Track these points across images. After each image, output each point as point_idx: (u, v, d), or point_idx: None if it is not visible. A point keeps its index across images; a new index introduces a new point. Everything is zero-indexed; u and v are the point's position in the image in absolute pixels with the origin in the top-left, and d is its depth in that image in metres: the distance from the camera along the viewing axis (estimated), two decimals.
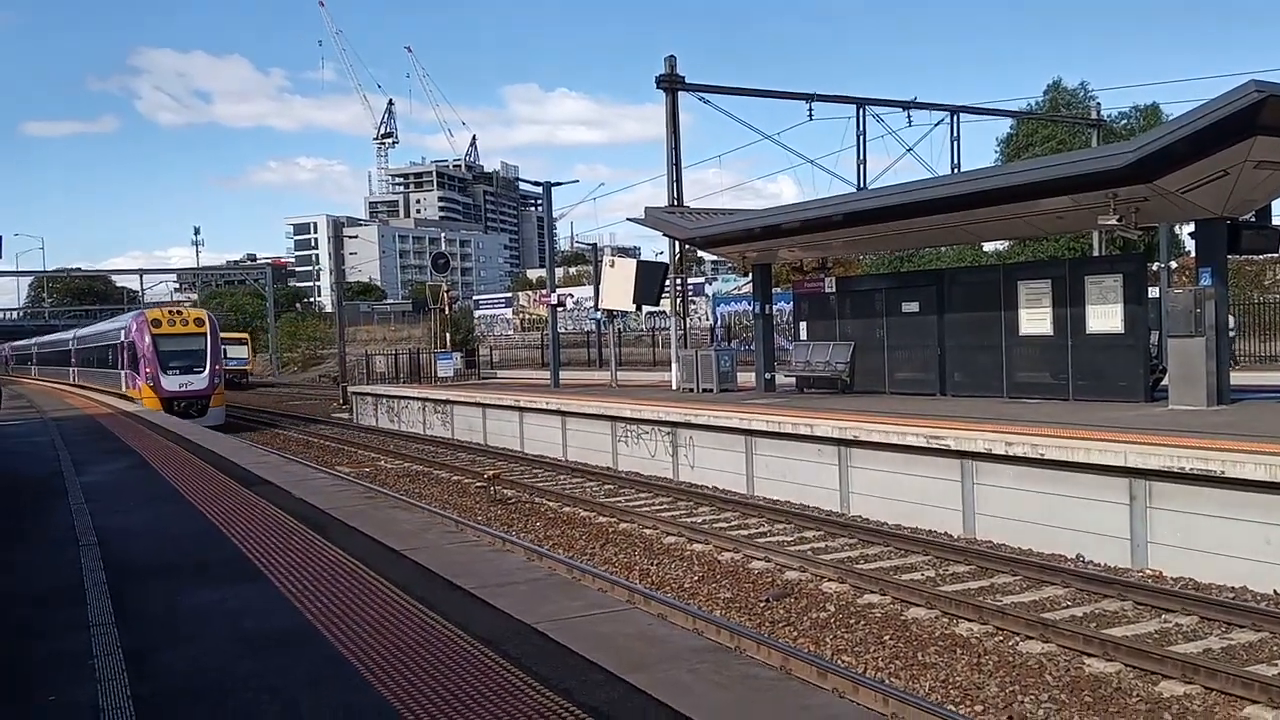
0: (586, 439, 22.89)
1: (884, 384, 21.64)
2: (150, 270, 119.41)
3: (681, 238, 26.44)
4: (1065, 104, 48.95)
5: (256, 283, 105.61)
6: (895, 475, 14.85)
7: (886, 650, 9.12)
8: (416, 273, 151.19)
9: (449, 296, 40.73)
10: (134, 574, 7.51)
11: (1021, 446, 12.86)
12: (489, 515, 16.56)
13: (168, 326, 34.55)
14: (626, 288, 27.63)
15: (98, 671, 5.23)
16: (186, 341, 34.42)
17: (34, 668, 5.48)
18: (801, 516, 15.09)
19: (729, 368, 25.23)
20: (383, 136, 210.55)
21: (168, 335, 34.22)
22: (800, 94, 30.07)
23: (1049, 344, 18.35)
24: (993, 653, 8.95)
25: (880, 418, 16.15)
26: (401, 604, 6.29)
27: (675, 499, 17.33)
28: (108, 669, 5.27)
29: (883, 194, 20.61)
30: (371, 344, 71.61)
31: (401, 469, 23.12)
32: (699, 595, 11.22)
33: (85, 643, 5.73)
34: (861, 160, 30.70)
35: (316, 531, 8.79)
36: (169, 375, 33.53)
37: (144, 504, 10.92)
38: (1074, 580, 11.00)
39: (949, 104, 33.43)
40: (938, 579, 11.48)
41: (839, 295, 23.17)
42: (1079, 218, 17.88)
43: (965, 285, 20.54)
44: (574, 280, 78.63)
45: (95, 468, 14.44)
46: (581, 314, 54.97)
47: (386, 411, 35.52)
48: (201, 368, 34.17)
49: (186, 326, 35.00)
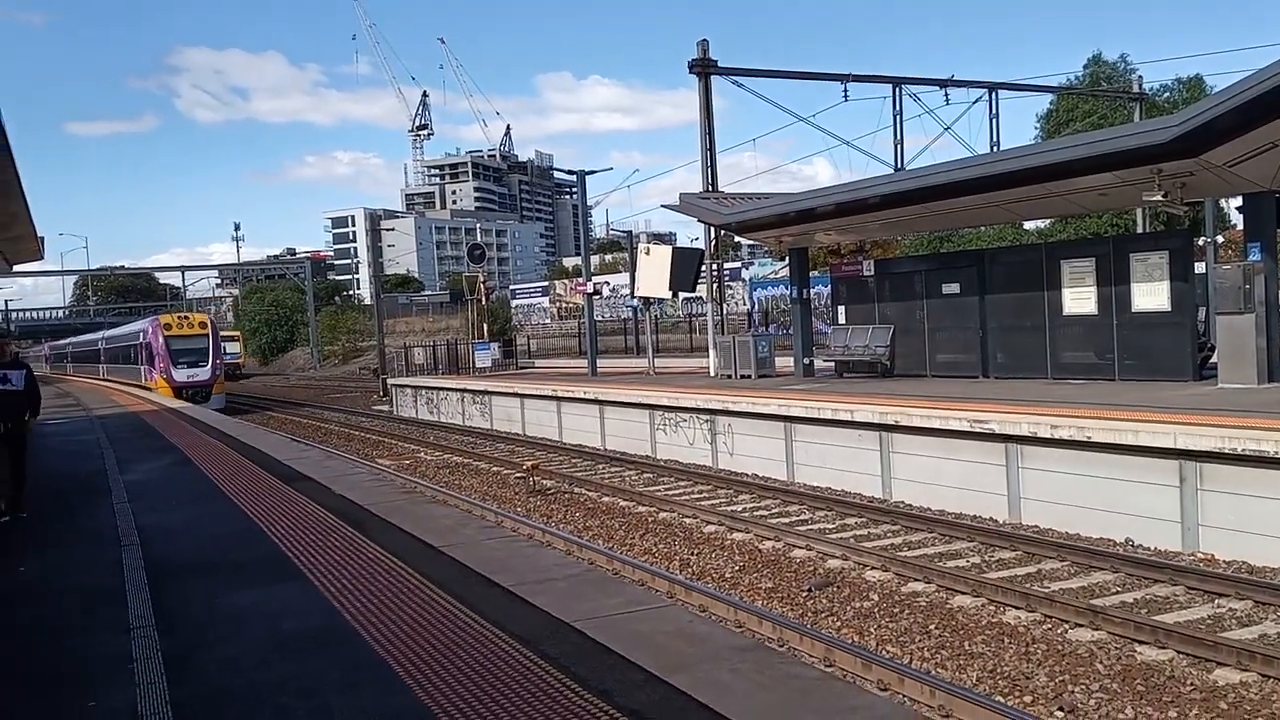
0: (625, 428, 22.83)
1: (925, 367, 21.39)
2: (192, 267, 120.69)
3: (716, 223, 26.23)
4: (1106, 78, 47.97)
5: (296, 277, 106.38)
6: (938, 460, 14.64)
7: (932, 640, 8.97)
8: (454, 263, 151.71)
9: (485, 287, 40.77)
10: (174, 574, 7.53)
11: (1068, 429, 12.62)
12: (528, 506, 16.55)
13: (177, 329, 42.03)
14: (662, 275, 27.50)
15: (137, 675, 5.23)
16: (193, 341, 41.65)
17: (75, 671, 5.50)
18: (843, 503, 14.94)
19: (766, 353, 25.04)
20: (418, 128, 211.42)
21: (178, 336, 41.61)
22: (835, 75, 29.69)
23: (1094, 323, 18.03)
24: (1041, 641, 8.78)
25: (922, 402, 15.94)
26: (439, 602, 6.25)
27: (715, 487, 17.23)
28: (147, 673, 5.27)
29: (921, 174, 20.31)
30: (410, 335, 71.98)
31: (441, 460, 23.19)
32: (740, 585, 11.12)
33: (125, 646, 5.75)
34: (898, 140, 30.28)
35: (355, 528, 8.79)
36: (179, 369, 40.65)
37: (185, 502, 10.99)
38: (1123, 565, 10.78)
39: (987, 81, 32.88)
40: (983, 566, 11.30)
41: (878, 278, 22.91)
42: (1122, 194, 17.50)
43: (1007, 265, 20.22)
44: (610, 268, 78.52)
45: (138, 465, 14.58)
46: (618, 301, 54.83)
47: (426, 403, 35.69)
48: (205, 362, 41.27)
49: (192, 329, 42.51)
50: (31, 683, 5.38)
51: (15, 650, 6.02)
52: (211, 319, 46.04)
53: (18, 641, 6.20)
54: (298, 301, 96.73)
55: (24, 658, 5.85)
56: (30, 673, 5.57)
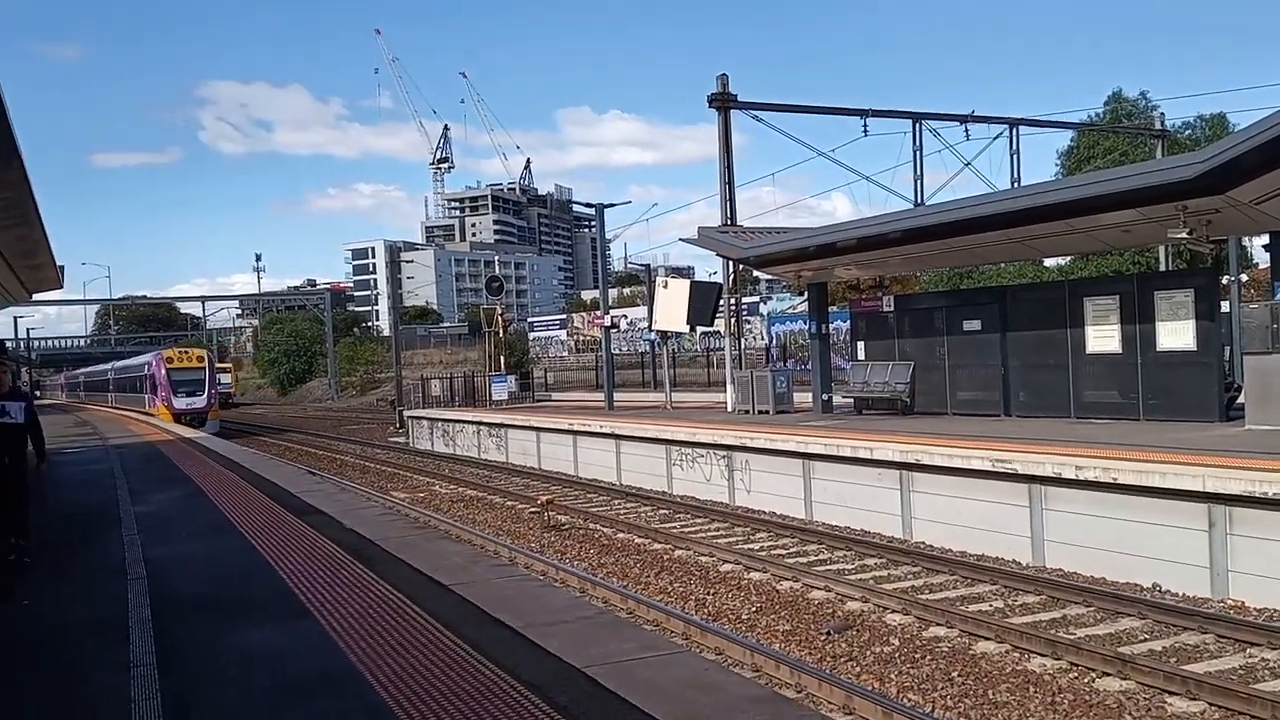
0: (641, 463, 22.63)
1: (945, 405, 21.14)
2: (212, 297, 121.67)
3: (734, 257, 26.13)
4: (1126, 115, 47.84)
5: (316, 308, 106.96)
6: (959, 500, 14.38)
7: (955, 688, 8.71)
8: (473, 295, 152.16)
9: (503, 319, 40.73)
10: (179, 610, 7.38)
11: (1093, 470, 12.36)
12: (542, 542, 16.34)
13: (178, 362, 46.55)
14: (680, 308, 27.38)
15: (134, 717, 5.07)
16: (191, 373, 46.13)
17: (74, 711, 5.35)
18: (862, 543, 14.68)
19: (785, 389, 24.83)
20: (439, 161, 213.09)
21: (178, 368, 46.05)
22: (855, 109, 29.69)
23: (1117, 362, 17.77)
24: (1068, 691, 8.51)
25: (943, 440, 15.70)
26: (447, 645, 6.07)
27: (731, 524, 16.99)
28: (145, 715, 5.11)
29: (942, 209, 20.17)
30: (428, 367, 72.05)
31: (456, 494, 23.02)
32: (757, 628, 10.87)
33: (125, 685, 5.59)
34: (918, 176, 30.21)
35: (365, 565, 8.62)
36: (179, 397, 44.80)
37: (195, 535, 10.85)
38: (1151, 611, 10.50)
39: (1008, 116, 32.86)
40: (1007, 610, 11.03)
41: (897, 314, 22.72)
42: (1146, 231, 17.32)
43: (1029, 302, 20.00)
44: (628, 301, 78.47)
45: (151, 496, 14.48)
46: (636, 335, 54.69)
47: (441, 435, 35.57)
48: (202, 392, 45.71)
49: (191, 362, 47.10)
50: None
51: (9, 688, 5.86)
52: (210, 353, 53.34)
53: (14, 678, 6.05)
54: (317, 332, 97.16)
55: (19, 696, 5.70)
56: (26, 713, 5.42)
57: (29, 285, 21.43)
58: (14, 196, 12.52)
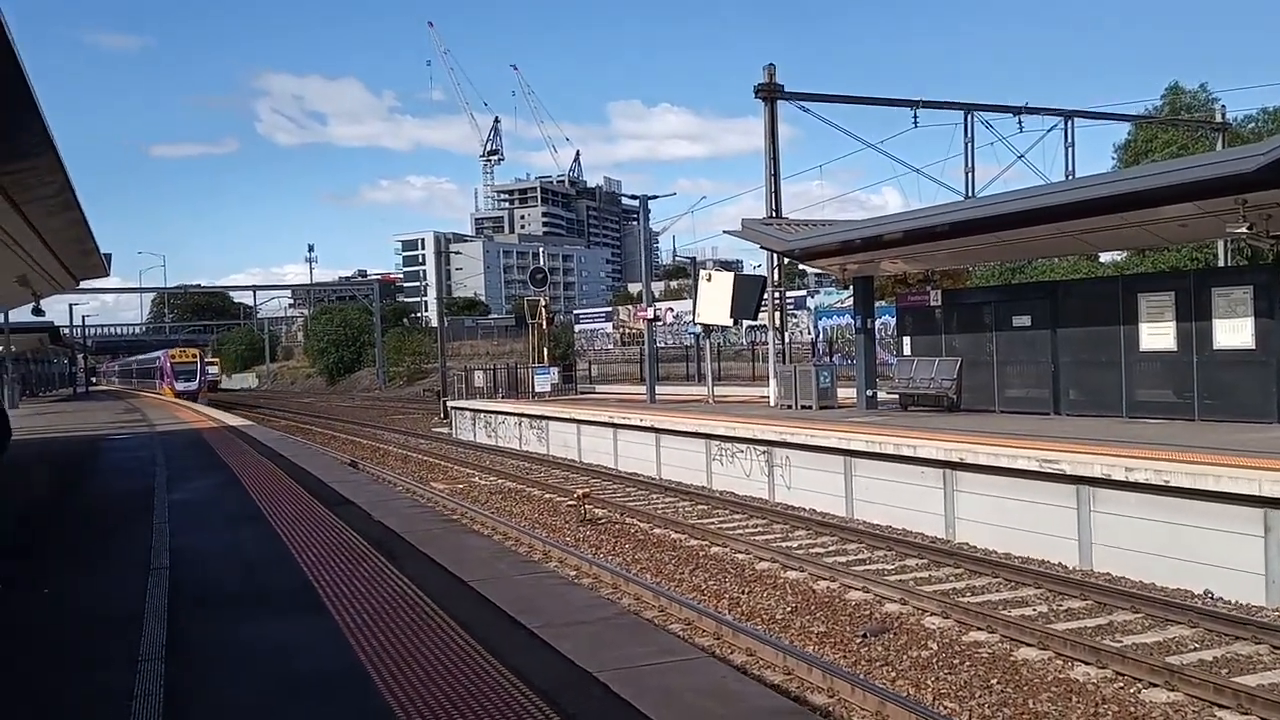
0: (681, 457, 22.40)
1: (993, 402, 20.67)
2: (264, 286, 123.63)
3: (779, 250, 25.78)
4: (1185, 107, 46.57)
5: (365, 298, 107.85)
6: (1005, 501, 13.99)
7: (994, 696, 8.40)
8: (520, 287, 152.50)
9: (547, 311, 40.64)
10: (197, 602, 7.26)
11: (1144, 472, 11.93)
12: (577, 536, 16.17)
13: (178, 357, 67.91)
14: (723, 302, 27.11)
15: (133, 713, 4.93)
16: (186, 365, 67.14)
17: (72, 706, 5.24)
18: (903, 543, 14.34)
19: (828, 384, 24.47)
20: (489, 154, 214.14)
21: (178, 362, 67.23)
22: (905, 100, 29.24)
23: (1172, 360, 17.24)
24: (1112, 701, 8.17)
25: (989, 438, 15.30)
26: (460, 645, 5.87)
27: (770, 521, 16.71)
28: (144, 710, 4.97)
29: (992, 201, 19.69)
30: (475, 358, 72.32)
31: (494, 485, 22.94)
32: (791, 629, 10.60)
33: (129, 680, 5.45)
34: (969, 168, 29.66)
35: (387, 558, 8.47)
36: (178, 381, 64.89)
37: (224, 525, 10.78)
38: (1202, 619, 10.10)
39: (1062, 108, 32.13)
40: (1051, 615, 10.66)
41: (945, 308, 22.25)
42: (1204, 226, 16.75)
43: (1081, 298, 19.48)
44: (674, 294, 78.23)
45: (187, 484, 14.48)
46: (681, 328, 54.42)
47: (484, 426, 35.58)
48: (194, 378, 66.11)
49: (187, 357, 68.66)
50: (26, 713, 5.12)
51: (18, 676, 5.78)
52: (200, 351, 76.47)
53: (29, 664, 5.97)
54: (365, 322, 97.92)
55: (26, 685, 5.60)
56: (32, 701, 5.32)
57: (75, 272, 21.63)
58: (55, 185, 12.53)
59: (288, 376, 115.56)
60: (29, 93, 8.51)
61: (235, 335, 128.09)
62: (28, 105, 8.80)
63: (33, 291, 24.02)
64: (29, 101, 8.72)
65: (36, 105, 8.91)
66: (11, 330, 47.83)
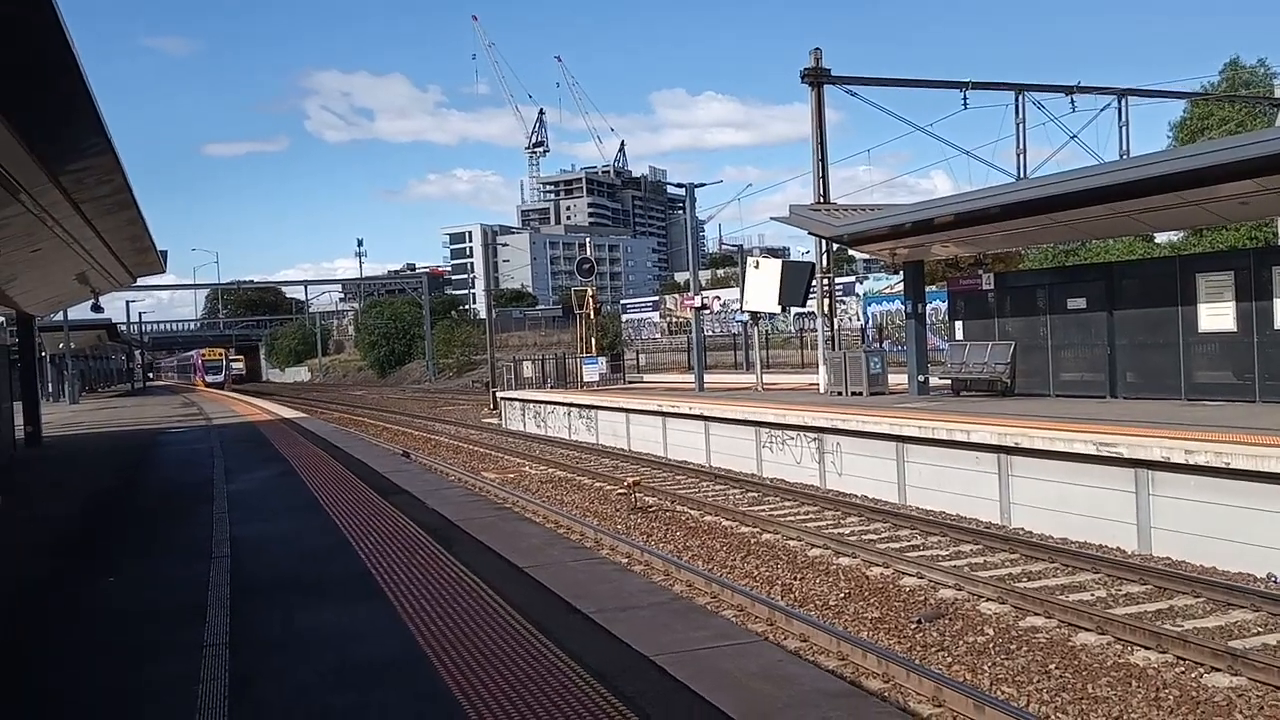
0: (730, 445, 22.35)
1: (1048, 386, 20.37)
2: (315, 281, 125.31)
3: (827, 235, 25.58)
4: (1244, 84, 45.49)
5: (414, 291, 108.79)
6: (1061, 485, 13.80)
7: (1052, 681, 8.29)
8: (567, 278, 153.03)
9: (594, 301, 40.73)
10: (258, 590, 7.40)
11: (1204, 455, 11.70)
12: (628, 524, 16.21)
13: (208, 355, 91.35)
14: (771, 289, 26.98)
15: (200, 699, 5.04)
16: (214, 362, 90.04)
17: (140, 692, 5.37)
18: (957, 529, 14.20)
19: (879, 370, 24.26)
20: (534, 146, 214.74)
21: (208, 359, 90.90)
22: (954, 82, 28.84)
23: (1232, 341, 16.88)
24: (1173, 686, 8.03)
25: (1044, 422, 15.09)
26: (516, 629, 5.93)
27: (821, 508, 16.63)
28: (210, 696, 5.08)
29: (1044, 182, 19.35)
30: (522, 349, 72.66)
31: (545, 475, 23.06)
32: (844, 615, 10.55)
33: (195, 666, 5.57)
34: (1021, 150, 29.24)
35: (443, 546, 8.56)
36: (208, 375, 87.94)
37: (282, 514, 10.96)
38: (1265, 603, 9.89)
39: (1116, 87, 31.53)
40: (1109, 600, 10.50)
41: (998, 292, 21.96)
42: (1264, 203, 16.36)
43: (1137, 279, 19.12)
44: (721, 282, 77.96)
45: (244, 475, 14.74)
46: (728, 316, 54.28)
47: (533, 416, 35.76)
48: (220, 373, 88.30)
49: (216, 355, 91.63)
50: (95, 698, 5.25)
51: (89, 660, 5.92)
52: (225, 350, 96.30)
53: (98, 650, 6.12)
54: (415, 315, 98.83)
55: (97, 670, 5.74)
56: (101, 686, 5.45)
57: (132, 269, 22.04)
58: (113, 185, 12.78)
59: (339, 370, 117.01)
60: (90, 100, 8.71)
61: (288, 330, 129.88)
62: (88, 111, 9.00)
63: (91, 289, 24.53)
64: (89, 107, 8.91)
65: (97, 110, 9.10)
66: (71, 327, 48.91)
